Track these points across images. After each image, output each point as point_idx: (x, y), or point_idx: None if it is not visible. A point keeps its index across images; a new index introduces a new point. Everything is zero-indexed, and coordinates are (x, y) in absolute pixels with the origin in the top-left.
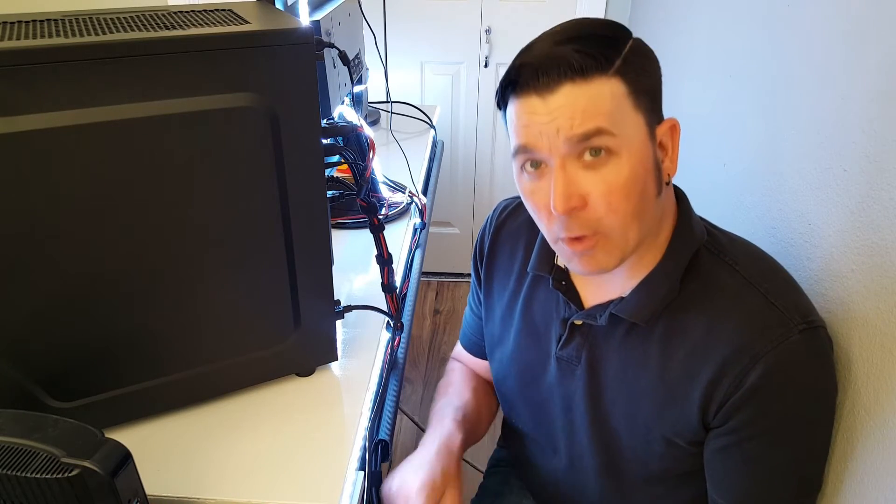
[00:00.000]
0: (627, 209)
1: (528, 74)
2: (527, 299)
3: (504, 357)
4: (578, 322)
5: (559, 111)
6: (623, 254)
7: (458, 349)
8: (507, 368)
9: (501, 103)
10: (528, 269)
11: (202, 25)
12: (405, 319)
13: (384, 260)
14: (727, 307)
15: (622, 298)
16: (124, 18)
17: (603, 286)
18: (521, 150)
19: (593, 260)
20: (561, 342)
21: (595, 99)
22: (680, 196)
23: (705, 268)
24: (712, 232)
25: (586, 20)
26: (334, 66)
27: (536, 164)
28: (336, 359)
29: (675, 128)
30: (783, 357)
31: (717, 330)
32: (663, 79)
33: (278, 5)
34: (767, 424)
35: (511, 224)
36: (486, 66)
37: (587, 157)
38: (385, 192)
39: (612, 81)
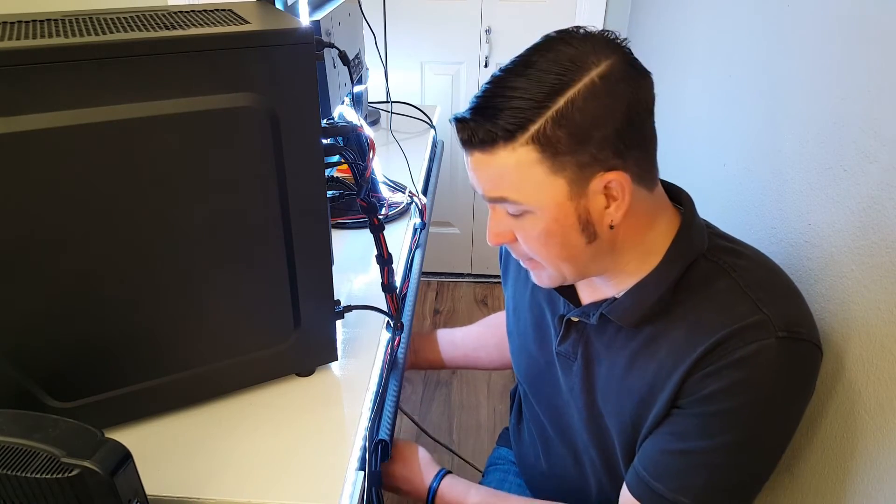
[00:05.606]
0: (550, 254)
1: (457, 129)
2: (533, 295)
3: (515, 349)
4: (574, 319)
5: (474, 172)
6: (567, 280)
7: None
8: (518, 360)
9: None
10: None
11: (202, 25)
12: (405, 319)
13: (384, 260)
14: (713, 310)
15: (615, 299)
16: (124, 18)
17: (598, 286)
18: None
19: (541, 278)
20: (559, 338)
21: (499, 169)
22: (685, 202)
23: (701, 275)
24: (715, 240)
25: (535, 59)
26: (334, 66)
27: None
28: (336, 359)
29: (621, 182)
30: (750, 356)
31: (699, 330)
32: (665, 79)
33: (278, 5)
34: (707, 410)
35: None
36: (486, 66)
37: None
38: (385, 192)
39: (521, 151)
